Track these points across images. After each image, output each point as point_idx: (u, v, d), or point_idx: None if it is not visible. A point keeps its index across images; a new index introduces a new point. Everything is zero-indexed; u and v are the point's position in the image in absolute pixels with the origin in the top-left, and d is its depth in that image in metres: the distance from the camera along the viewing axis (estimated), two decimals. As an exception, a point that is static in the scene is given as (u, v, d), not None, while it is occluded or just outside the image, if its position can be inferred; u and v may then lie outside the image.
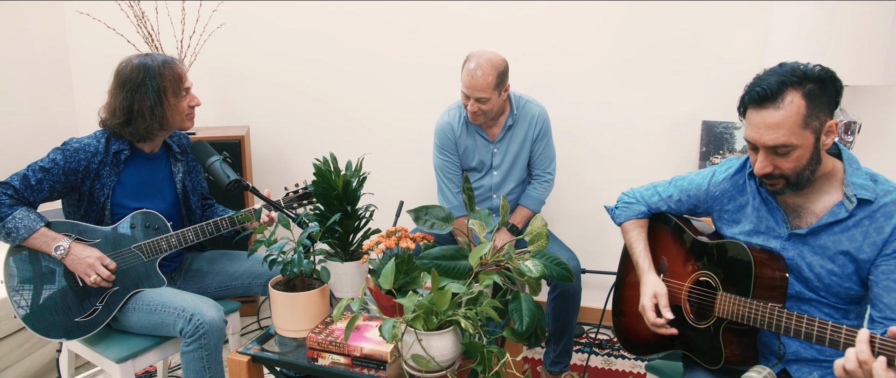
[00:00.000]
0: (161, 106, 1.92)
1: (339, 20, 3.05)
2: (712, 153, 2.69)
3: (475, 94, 2.30)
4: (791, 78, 1.37)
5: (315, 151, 3.26)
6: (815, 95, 1.36)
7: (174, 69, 1.94)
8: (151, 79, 1.90)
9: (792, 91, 1.36)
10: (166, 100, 1.93)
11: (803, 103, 1.35)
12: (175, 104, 1.96)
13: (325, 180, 1.97)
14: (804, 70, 1.37)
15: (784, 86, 1.37)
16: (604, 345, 2.87)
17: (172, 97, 1.95)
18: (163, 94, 1.92)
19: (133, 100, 1.91)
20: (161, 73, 1.91)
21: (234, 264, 2.20)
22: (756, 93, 1.40)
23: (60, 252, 1.83)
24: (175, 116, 1.98)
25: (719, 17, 2.61)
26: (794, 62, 1.39)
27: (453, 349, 1.55)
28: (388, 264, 1.61)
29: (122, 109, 1.92)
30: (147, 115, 1.91)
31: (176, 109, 1.97)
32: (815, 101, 1.36)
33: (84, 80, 3.38)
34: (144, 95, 1.90)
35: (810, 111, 1.36)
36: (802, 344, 1.51)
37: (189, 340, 1.82)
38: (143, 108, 1.90)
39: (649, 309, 1.61)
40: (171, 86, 1.94)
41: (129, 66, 1.92)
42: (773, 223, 1.53)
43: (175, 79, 1.94)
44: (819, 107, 1.36)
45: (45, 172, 1.85)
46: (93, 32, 3.18)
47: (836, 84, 1.38)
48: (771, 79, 1.39)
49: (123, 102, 1.92)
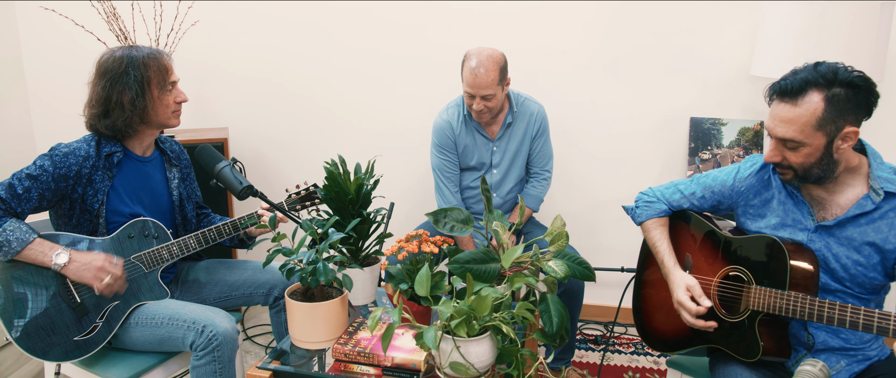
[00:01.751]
0: (143, 98, 1.81)
1: (323, 15, 2.96)
2: (700, 149, 2.75)
3: (480, 92, 2.27)
4: (819, 79, 1.41)
5: (298, 152, 3.16)
6: (839, 100, 1.40)
7: (160, 61, 1.84)
8: (135, 68, 1.79)
9: (814, 91, 1.41)
10: (149, 92, 1.82)
11: (822, 106, 1.40)
12: (159, 97, 1.85)
13: (336, 184, 1.89)
14: (838, 74, 1.40)
15: (808, 85, 1.41)
16: (599, 341, 2.90)
17: (156, 89, 1.84)
18: (146, 86, 1.81)
19: (112, 90, 1.79)
20: (145, 63, 1.81)
21: (234, 273, 2.09)
22: (780, 85, 1.46)
23: (61, 260, 1.69)
24: (158, 111, 1.86)
25: (708, 15, 2.66)
26: (834, 64, 1.42)
27: (491, 354, 1.52)
28: (422, 270, 1.56)
29: (99, 100, 1.81)
30: (126, 107, 1.80)
31: (159, 103, 1.86)
32: (838, 106, 1.40)
33: (40, 81, 3.15)
34: (126, 86, 1.79)
35: (828, 115, 1.40)
36: (830, 334, 1.55)
37: (201, 353, 1.72)
38: (123, 100, 1.79)
39: (687, 301, 1.62)
40: (156, 77, 1.83)
41: (111, 56, 1.81)
42: (800, 216, 1.57)
43: (160, 70, 1.84)
44: (841, 112, 1.40)
45: (32, 180, 1.71)
46: (49, 32, 2.98)
47: (872, 94, 1.41)
48: (799, 75, 1.43)
49: (102, 92, 1.80)
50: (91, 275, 1.71)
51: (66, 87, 3.11)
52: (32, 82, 3.16)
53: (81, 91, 3.03)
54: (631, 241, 2.97)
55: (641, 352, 2.79)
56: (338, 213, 1.95)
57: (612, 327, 2.90)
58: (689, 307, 1.62)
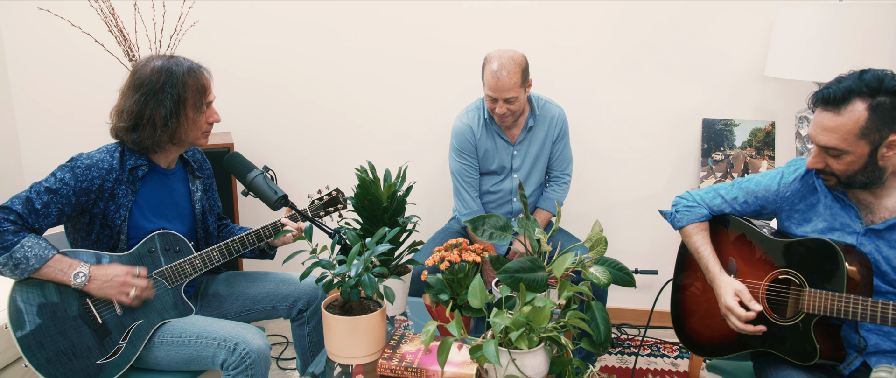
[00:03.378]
0: (176, 118, 1.71)
1: (328, 15, 2.87)
2: (713, 150, 2.75)
3: (503, 95, 2.23)
4: (863, 88, 1.40)
5: (302, 158, 3.07)
6: (884, 109, 1.39)
7: (199, 79, 1.74)
8: (173, 86, 1.69)
9: (858, 100, 1.41)
10: (184, 112, 1.72)
11: (866, 115, 1.40)
12: (193, 118, 1.75)
13: (368, 192, 1.83)
14: (884, 82, 1.40)
15: (851, 94, 1.41)
16: (614, 343, 2.88)
17: (191, 110, 1.73)
18: (181, 106, 1.71)
19: (146, 105, 1.68)
20: (184, 81, 1.70)
21: (255, 286, 2.01)
22: (823, 93, 1.46)
23: (81, 280, 1.59)
24: (190, 132, 1.76)
25: (721, 15, 2.66)
26: (881, 72, 1.42)
27: (546, 366, 1.48)
28: (474, 281, 1.51)
29: (130, 113, 1.69)
30: (158, 126, 1.69)
31: (193, 124, 1.76)
32: (883, 115, 1.40)
33: (26, 85, 2.99)
34: (160, 103, 1.68)
35: (872, 123, 1.40)
36: (881, 336, 1.55)
37: (234, 372, 1.64)
38: (155, 117, 1.69)
39: (736, 306, 1.60)
40: (193, 97, 1.73)
41: (149, 66, 1.70)
42: (848, 220, 1.56)
43: (199, 90, 1.74)
44: (886, 121, 1.40)
45: (52, 194, 1.60)
46: (41, 32, 2.83)
47: None
48: (842, 84, 1.44)
49: (134, 106, 1.69)
50: (115, 290, 1.62)
51: (60, 89, 2.96)
52: (17, 86, 3.00)
53: (78, 94, 2.94)
54: (643, 242, 2.98)
55: (658, 354, 2.78)
56: (369, 223, 1.89)
57: (645, 331, 2.89)
58: (738, 312, 1.60)
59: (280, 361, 2.72)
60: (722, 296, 1.65)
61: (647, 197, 2.92)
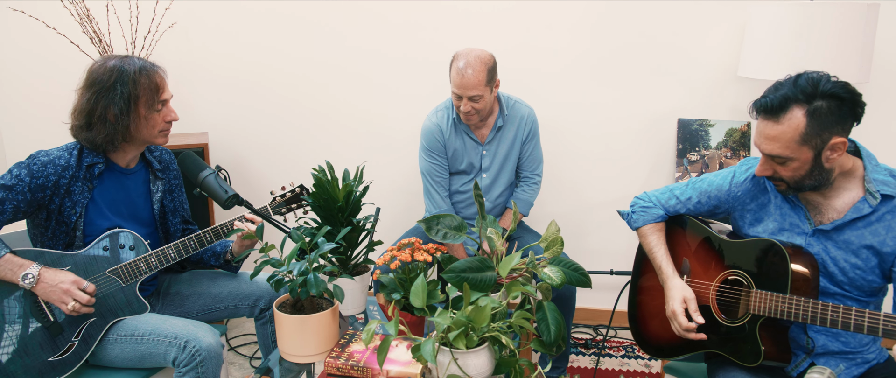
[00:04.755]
0: (127, 116, 1.72)
1: (307, 11, 2.88)
2: (688, 150, 2.74)
3: (467, 93, 2.23)
4: (799, 94, 1.40)
5: (282, 155, 3.08)
6: (822, 114, 1.38)
7: (152, 78, 1.75)
8: (123, 84, 1.71)
9: (795, 107, 1.40)
10: (135, 110, 1.74)
11: (804, 121, 1.39)
12: (145, 116, 1.76)
13: (325, 191, 1.84)
14: (818, 86, 1.39)
15: (788, 101, 1.41)
16: (589, 344, 2.87)
17: (144, 108, 1.75)
18: (133, 103, 1.73)
19: (97, 103, 1.71)
20: (135, 79, 1.72)
21: (218, 285, 2.02)
22: (761, 103, 1.45)
23: (29, 281, 1.61)
24: (142, 130, 1.78)
25: (695, 15, 2.65)
26: (815, 75, 1.40)
27: (489, 366, 1.48)
28: (417, 281, 1.51)
29: (82, 112, 1.73)
30: (110, 123, 1.71)
31: (146, 122, 1.77)
32: (821, 120, 1.38)
33: (6, 87, 3.03)
34: (112, 101, 1.70)
35: (811, 129, 1.39)
36: (829, 337, 1.54)
37: (184, 370, 1.65)
38: (107, 115, 1.71)
39: (680, 314, 1.60)
40: (145, 95, 1.74)
41: (103, 66, 1.72)
42: (797, 220, 1.55)
43: (151, 88, 1.75)
44: (825, 125, 1.39)
45: (7, 191, 1.63)
46: (18, 34, 2.86)
47: (857, 104, 1.40)
48: (779, 92, 1.43)
49: (87, 104, 1.72)
50: (57, 297, 1.64)
51: (38, 91, 3.00)
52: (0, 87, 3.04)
53: (54, 96, 2.96)
54: (620, 243, 2.97)
55: (632, 355, 2.77)
56: (326, 222, 1.89)
57: (607, 331, 2.88)
58: (680, 321, 1.61)
59: (253, 360, 2.73)
60: (669, 300, 1.65)
61: (624, 197, 2.91)
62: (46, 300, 1.65)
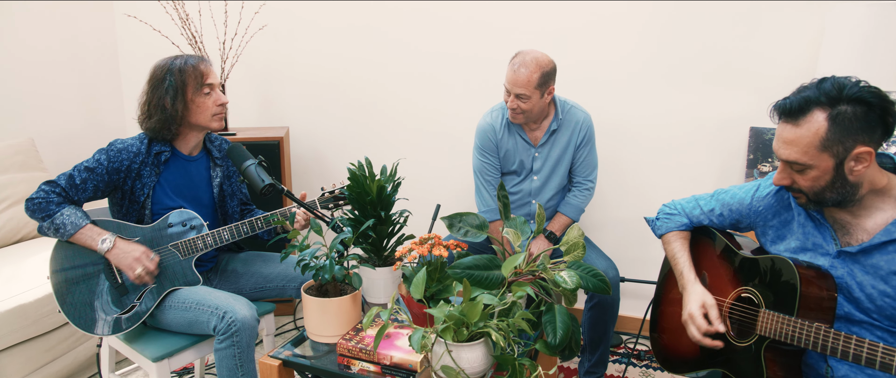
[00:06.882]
0: (178, 102, 1.96)
1: (380, 19, 3.05)
2: (760, 161, 2.58)
3: (515, 90, 2.26)
4: (822, 97, 1.30)
5: (354, 152, 3.27)
6: (846, 119, 1.28)
7: (197, 67, 1.98)
8: (171, 75, 1.96)
9: (817, 110, 1.31)
10: (184, 96, 1.97)
11: (825, 126, 1.30)
12: (193, 100, 1.98)
13: (359, 185, 1.96)
14: (844, 90, 1.29)
15: (809, 104, 1.32)
16: (642, 356, 2.79)
17: (191, 93, 1.97)
18: (180, 91, 1.96)
19: (154, 95, 1.97)
20: (181, 69, 1.96)
21: (269, 266, 2.22)
22: (781, 104, 1.38)
23: (106, 246, 1.88)
24: (196, 115, 2.00)
25: (770, 18, 2.50)
26: (841, 79, 1.31)
27: (484, 361, 1.52)
28: (419, 273, 1.59)
29: (143, 104, 2.00)
30: (165, 110, 1.95)
31: (198, 107, 1.99)
32: (844, 126, 1.28)
33: (132, 81, 3.47)
34: (166, 92, 1.95)
35: (833, 134, 1.29)
36: (853, 368, 1.43)
37: (222, 338, 1.84)
38: (164, 104, 1.95)
39: (698, 316, 1.54)
40: (192, 82, 1.97)
41: (157, 65, 1.99)
42: (821, 240, 1.45)
43: (195, 76, 1.97)
44: (849, 131, 1.29)
45: (89, 172, 1.90)
46: (140, 34, 3.26)
47: (888, 113, 1.28)
48: (800, 94, 1.34)
49: (145, 97, 2.00)
50: (127, 263, 1.89)
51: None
52: (126, 80, 3.49)
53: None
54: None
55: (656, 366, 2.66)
56: (361, 214, 2.02)
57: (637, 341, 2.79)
58: (699, 323, 1.54)
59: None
60: (687, 304, 1.59)
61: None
62: (117, 266, 1.91)
